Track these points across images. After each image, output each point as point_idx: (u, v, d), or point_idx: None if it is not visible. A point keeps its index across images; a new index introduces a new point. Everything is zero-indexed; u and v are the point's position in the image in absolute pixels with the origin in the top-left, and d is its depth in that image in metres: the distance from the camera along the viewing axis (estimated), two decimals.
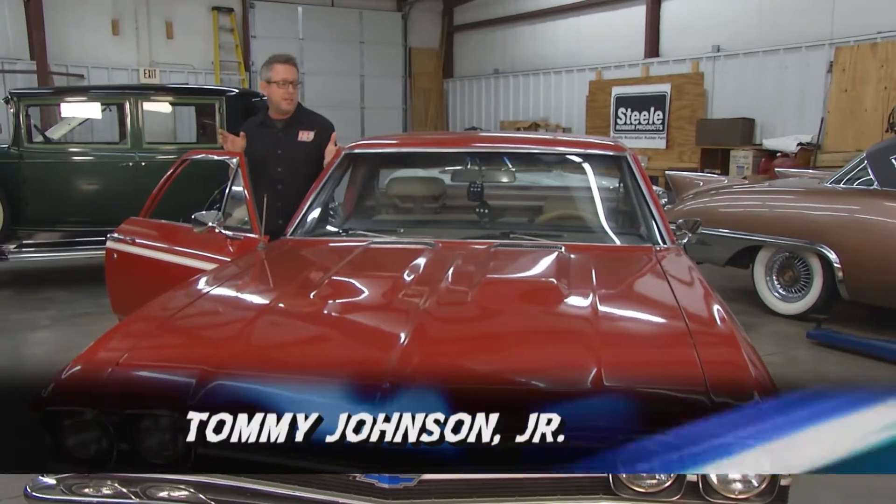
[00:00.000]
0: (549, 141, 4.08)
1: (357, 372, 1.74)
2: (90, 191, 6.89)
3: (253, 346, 1.93)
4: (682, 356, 1.80)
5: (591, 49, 13.67)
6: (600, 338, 1.91)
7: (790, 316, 5.68)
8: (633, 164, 3.36)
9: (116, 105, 7.25)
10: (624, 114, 12.63)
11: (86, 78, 13.44)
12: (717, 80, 11.43)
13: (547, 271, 2.66)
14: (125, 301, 4.03)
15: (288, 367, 1.84)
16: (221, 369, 1.75)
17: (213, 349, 1.91)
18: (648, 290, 2.60)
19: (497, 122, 15.96)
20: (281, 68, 3.89)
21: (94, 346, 1.91)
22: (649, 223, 3.15)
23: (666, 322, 2.14)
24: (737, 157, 10.45)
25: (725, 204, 6.19)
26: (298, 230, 3.25)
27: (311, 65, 15.51)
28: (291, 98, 3.90)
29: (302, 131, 3.94)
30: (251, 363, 1.83)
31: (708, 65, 11.55)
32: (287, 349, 1.98)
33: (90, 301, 6.13)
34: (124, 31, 14.16)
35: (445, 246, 2.94)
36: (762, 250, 5.86)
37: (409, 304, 2.20)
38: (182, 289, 2.46)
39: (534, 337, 2.03)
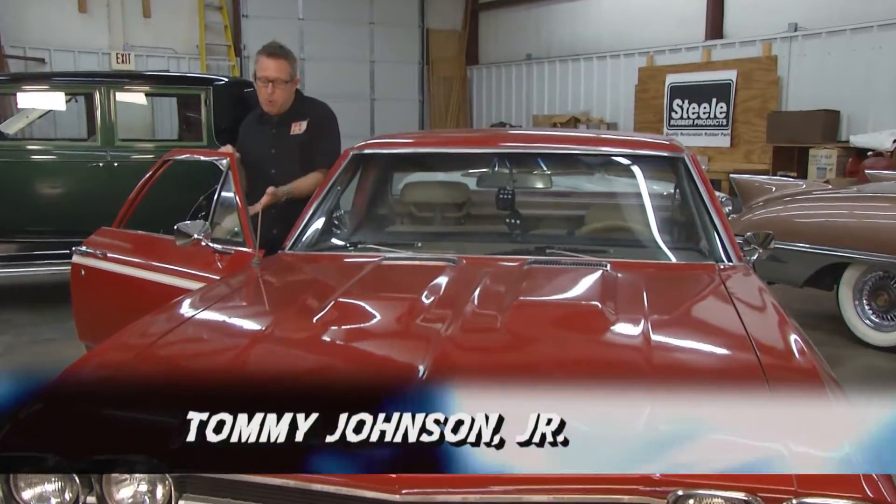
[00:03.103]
0: (591, 139, 4.09)
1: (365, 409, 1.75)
2: (53, 196, 6.99)
3: (246, 380, 1.95)
4: (753, 395, 1.81)
5: (641, 30, 13.69)
6: (654, 373, 1.92)
7: (885, 348, 5.62)
8: (692, 166, 3.37)
9: (84, 95, 7.38)
10: (680, 106, 12.62)
11: (47, 63, 13.60)
12: (794, 65, 11.39)
13: (590, 293, 2.66)
14: (95, 326, 4.08)
15: (285, 401, 1.85)
16: (209, 407, 1.76)
17: (200, 381, 1.94)
18: (711, 315, 2.59)
19: (529, 116, 16.01)
20: (264, 62, 3.91)
21: (58, 380, 1.94)
22: (711, 236, 3.15)
23: (733, 354, 2.14)
24: (817, 156, 10.39)
25: (804, 213, 6.16)
26: (299, 243, 3.28)
27: (313, 49, 15.63)
28: (274, 101, 3.91)
29: (294, 123, 3.98)
30: (243, 399, 1.85)
31: (782, 46, 11.51)
32: (284, 382, 1.99)
33: (53, 325, 6.21)
34: (93, 8, 14.27)
35: (470, 262, 2.96)
36: (849, 268, 5.81)
37: (428, 331, 2.22)
38: (163, 312, 2.49)
39: (575, 371, 2.04)
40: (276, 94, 3.89)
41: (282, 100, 3.94)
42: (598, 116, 14.47)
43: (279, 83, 3.88)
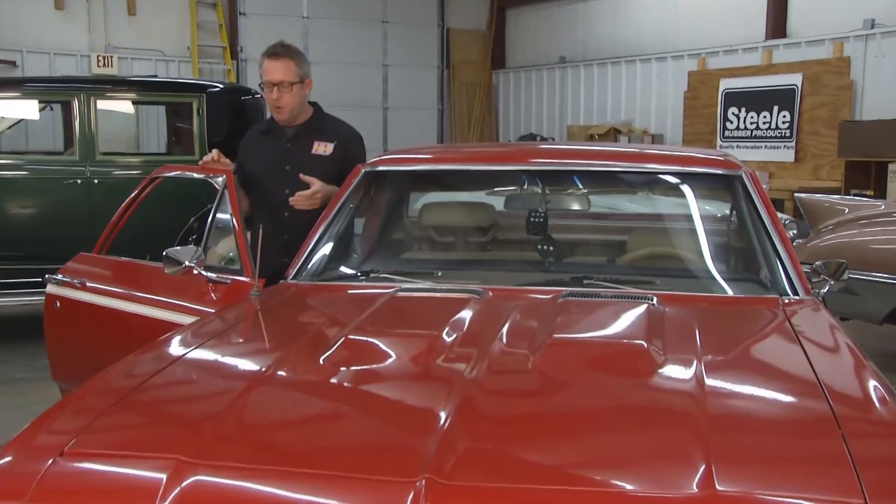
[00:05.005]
0: (634, 155, 4.09)
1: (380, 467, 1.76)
2: (24, 217, 7.06)
3: (244, 430, 1.96)
4: (827, 452, 1.79)
5: (691, 28, 13.73)
6: (709, 423, 1.90)
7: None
8: (751, 184, 3.37)
9: (60, 103, 7.47)
10: (736, 115, 12.62)
11: (19, 66, 13.76)
12: (870, 68, 11.36)
13: (633, 331, 2.65)
14: (70, 365, 4.12)
15: (290, 458, 1.86)
16: (202, 461, 1.77)
17: (191, 433, 1.94)
18: (774, 358, 2.58)
19: (563, 127, 16.06)
20: (267, 65, 3.94)
21: (29, 429, 1.95)
22: (773, 265, 3.14)
23: (801, 404, 2.12)
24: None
25: (883, 238, 6.13)
26: (303, 272, 3.30)
27: (319, 52, 15.65)
28: (282, 107, 3.93)
29: (317, 142, 3.99)
30: (241, 453, 1.86)
31: (856, 46, 11.49)
32: (288, 434, 2.02)
33: (22, 363, 6.26)
34: (71, 5, 14.41)
35: (497, 295, 2.96)
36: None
37: (450, 373, 2.23)
38: (149, 351, 2.51)
39: (617, 420, 2.04)
40: (283, 98, 3.90)
41: (292, 104, 3.94)
42: (642, 127, 14.50)
43: (286, 86, 3.89)
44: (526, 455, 1.83)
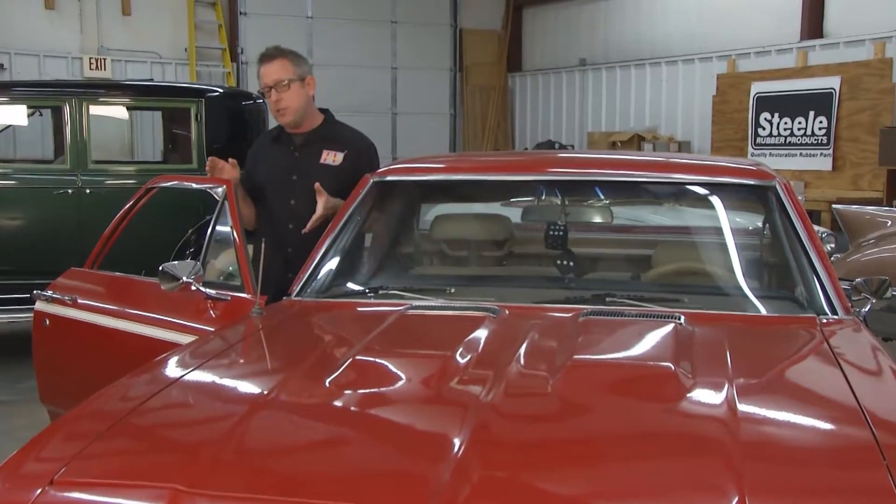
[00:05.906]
0: (659, 164, 4.09)
1: (390, 497, 1.76)
2: (11, 229, 7.08)
3: (244, 457, 1.97)
4: (870, 483, 1.79)
5: (720, 28, 13.73)
6: (742, 452, 1.90)
7: None
8: (785, 195, 3.37)
9: (50, 108, 7.50)
10: (769, 121, 12.60)
11: (7, 68, 13.86)
12: None
13: (660, 352, 2.66)
14: (61, 387, 4.13)
15: (293, 487, 1.87)
16: (199, 490, 1.78)
17: (188, 460, 1.95)
18: (812, 381, 2.57)
19: (583, 134, 16.08)
20: (263, 69, 3.97)
21: (17, 456, 1.96)
22: (810, 282, 3.14)
23: (841, 430, 2.12)
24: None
25: None
26: (308, 288, 3.31)
27: (324, 53, 15.76)
28: (284, 109, 3.93)
29: (326, 151, 4.00)
30: (241, 482, 1.87)
31: None
32: (292, 460, 2.02)
33: (8, 385, 6.27)
34: (62, 5, 14.49)
35: (514, 313, 2.97)
36: None
37: (464, 396, 2.23)
38: (144, 372, 2.52)
39: (642, 448, 2.03)
40: (283, 98, 3.91)
41: (293, 104, 3.94)
42: (668, 134, 14.50)
43: (283, 85, 3.91)
44: (545, 485, 1.83)
